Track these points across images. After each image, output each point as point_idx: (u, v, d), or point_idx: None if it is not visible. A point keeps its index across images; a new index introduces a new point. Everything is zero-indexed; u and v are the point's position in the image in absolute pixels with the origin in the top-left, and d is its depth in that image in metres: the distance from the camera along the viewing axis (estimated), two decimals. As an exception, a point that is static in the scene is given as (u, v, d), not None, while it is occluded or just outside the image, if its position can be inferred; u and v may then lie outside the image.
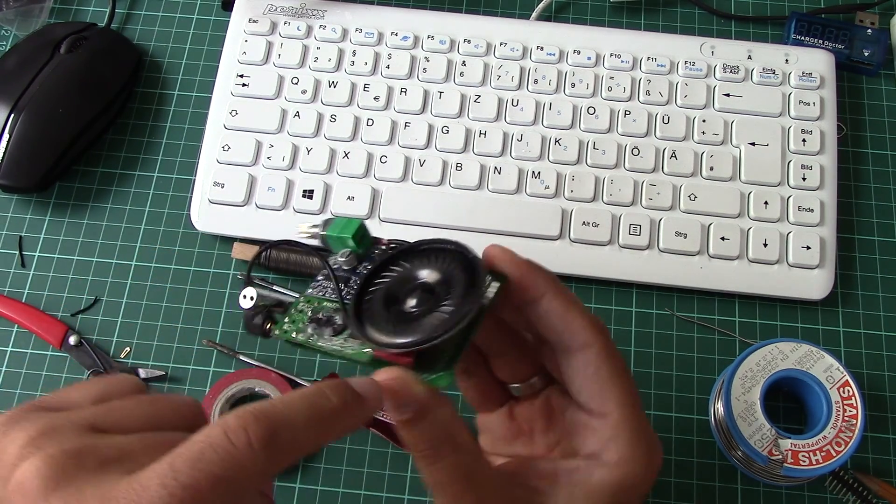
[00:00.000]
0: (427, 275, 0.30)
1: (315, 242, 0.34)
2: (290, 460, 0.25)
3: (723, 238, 0.50)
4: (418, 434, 0.27)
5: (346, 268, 0.33)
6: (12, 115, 0.52)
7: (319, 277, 0.33)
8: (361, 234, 0.32)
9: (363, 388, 0.27)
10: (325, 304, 0.32)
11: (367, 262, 0.33)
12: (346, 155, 0.52)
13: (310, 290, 0.33)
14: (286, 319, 0.32)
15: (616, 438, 0.30)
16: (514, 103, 0.54)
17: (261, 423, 0.23)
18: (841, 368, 0.45)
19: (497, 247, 0.31)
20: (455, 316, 0.27)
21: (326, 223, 0.33)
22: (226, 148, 0.53)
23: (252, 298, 0.33)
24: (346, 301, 0.31)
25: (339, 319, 0.31)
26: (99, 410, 0.26)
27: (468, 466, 0.28)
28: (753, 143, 0.53)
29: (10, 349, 0.50)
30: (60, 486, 0.23)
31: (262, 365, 0.49)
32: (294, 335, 0.31)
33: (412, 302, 0.29)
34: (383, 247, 0.33)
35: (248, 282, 0.34)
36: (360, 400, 0.26)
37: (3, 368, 0.49)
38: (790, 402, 0.48)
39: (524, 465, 0.32)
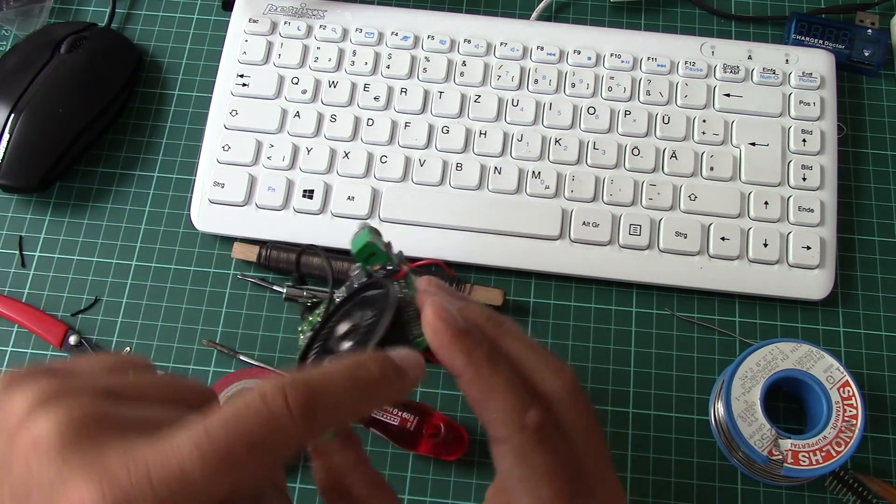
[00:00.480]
0: (352, 326, 0.30)
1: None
2: (328, 427, 0.24)
3: (723, 238, 0.50)
4: (315, 472, 0.29)
5: (354, 274, 0.33)
6: (12, 115, 0.52)
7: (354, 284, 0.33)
8: (363, 251, 0.31)
9: (404, 360, 0.26)
10: (318, 319, 0.33)
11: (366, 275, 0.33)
12: (347, 155, 0.52)
13: (336, 294, 0.33)
14: (316, 312, 0.34)
15: None
16: (515, 103, 0.54)
17: (299, 390, 0.23)
18: (841, 368, 0.45)
19: (430, 310, 0.29)
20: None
21: (360, 230, 0.32)
22: (226, 148, 0.53)
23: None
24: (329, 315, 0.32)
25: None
26: (115, 380, 0.25)
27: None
28: (753, 143, 0.53)
29: (10, 349, 0.50)
30: (80, 446, 0.21)
31: (262, 365, 0.49)
32: (301, 338, 0.33)
33: (341, 337, 0.30)
34: (382, 270, 0.32)
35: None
36: (400, 372, 0.26)
37: (3, 368, 0.49)
38: (790, 403, 0.48)
39: None
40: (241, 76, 0.55)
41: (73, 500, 0.20)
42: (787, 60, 0.55)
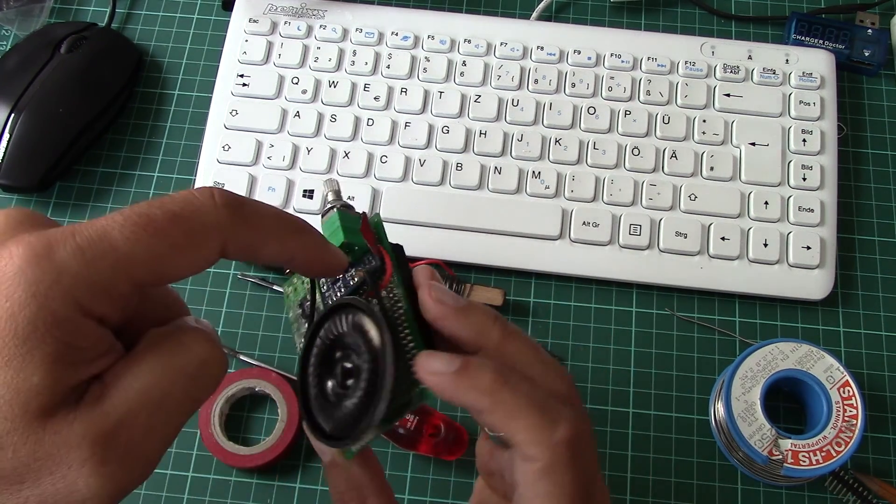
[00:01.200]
0: (357, 347, 0.28)
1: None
2: (252, 236, 0.25)
3: (723, 238, 0.50)
4: (333, 486, 0.29)
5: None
6: (12, 115, 0.52)
7: None
8: (349, 244, 0.30)
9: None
10: (314, 292, 0.31)
11: (357, 265, 0.30)
12: (347, 155, 0.52)
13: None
14: (293, 278, 0.33)
15: None
16: (515, 103, 0.54)
17: (225, 192, 0.24)
18: (841, 368, 0.45)
19: (427, 361, 0.28)
20: (358, 430, 0.27)
21: (330, 209, 0.31)
22: (226, 148, 0.53)
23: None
24: (315, 306, 0.31)
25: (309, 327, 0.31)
26: None
27: None
28: (754, 143, 0.53)
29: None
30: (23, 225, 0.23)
31: (263, 365, 0.49)
32: (288, 308, 0.33)
33: (338, 378, 0.28)
34: (362, 267, 0.30)
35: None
36: (328, 245, 0.28)
37: (4, 368, 0.49)
38: (790, 402, 0.48)
39: None
40: (242, 76, 0.55)
41: (5, 254, 0.21)
42: (787, 60, 0.55)
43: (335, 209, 0.30)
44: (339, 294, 0.31)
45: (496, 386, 0.27)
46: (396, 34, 0.56)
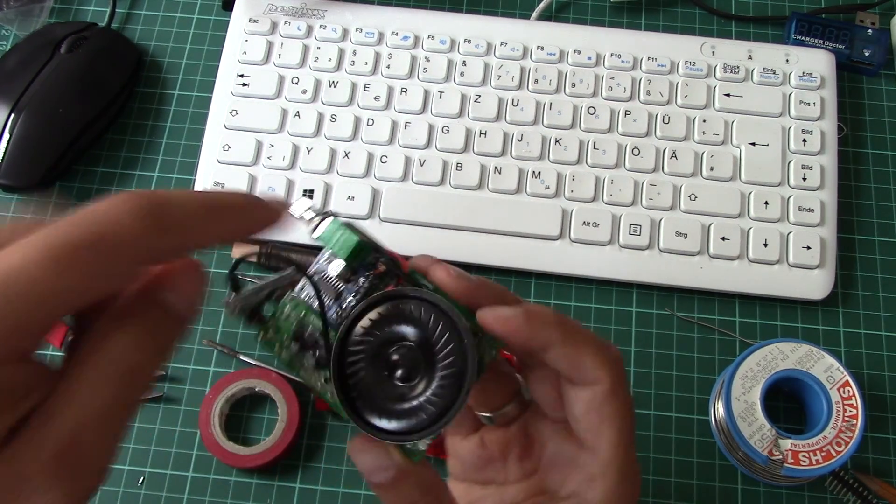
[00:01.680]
0: (414, 336, 0.27)
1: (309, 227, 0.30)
2: (175, 240, 0.23)
3: (723, 238, 0.50)
4: (398, 498, 0.27)
5: (334, 275, 0.29)
6: (12, 115, 0.52)
7: (313, 275, 0.29)
8: (356, 254, 0.29)
9: (269, 199, 0.26)
10: (311, 317, 0.29)
11: (359, 274, 0.29)
12: (347, 155, 0.52)
13: (299, 291, 0.29)
14: (269, 323, 0.29)
15: (602, 477, 0.29)
16: (515, 103, 0.54)
17: (142, 198, 0.22)
18: (841, 368, 0.45)
19: (493, 312, 0.28)
20: (447, 410, 0.26)
21: (324, 219, 0.29)
22: (226, 148, 0.53)
23: (234, 309, 0.28)
24: (331, 328, 0.28)
25: (322, 349, 0.29)
26: None
27: None
28: (754, 143, 0.53)
29: (10, 349, 0.50)
30: None
31: (263, 365, 0.49)
32: (277, 349, 0.29)
33: (400, 372, 0.27)
34: (379, 258, 0.29)
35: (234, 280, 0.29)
36: (262, 203, 0.26)
37: (4, 368, 0.49)
38: (790, 403, 0.48)
39: None
40: (242, 76, 0.55)
41: None
42: (787, 60, 0.55)
43: (330, 217, 0.29)
44: (351, 301, 0.29)
45: (561, 319, 0.29)
46: (396, 34, 0.56)
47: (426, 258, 0.30)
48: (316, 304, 0.29)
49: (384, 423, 0.27)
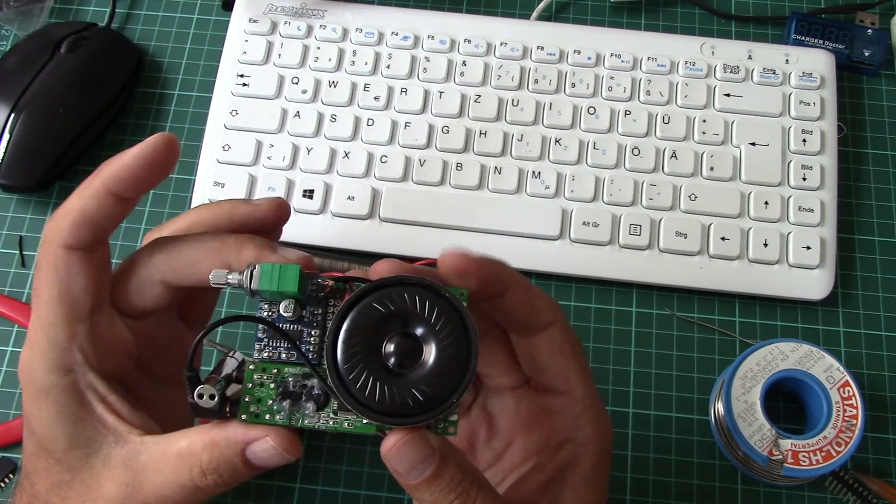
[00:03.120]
0: (401, 318, 0.27)
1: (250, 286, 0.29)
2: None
3: (723, 238, 0.50)
4: (446, 486, 0.27)
5: (287, 316, 0.29)
6: (12, 115, 0.52)
7: (261, 335, 0.29)
8: (302, 280, 0.28)
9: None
10: (287, 369, 0.28)
11: (310, 304, 0.29)
12: (347, 155, 0.52)
13: (257, 354, 0.29)
14: (247, 398, 0.28)
15: (585, 414, 0.31)
16: (515, 103, 0.54)
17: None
18: (841, 368, 0.45)
19: (453, 254, 0.29)
20: (462, 374, 0.26)
21: (252, 274, 0.28)
22: (226, 148, 0.53)
23: (212, 397, 0.28)
24: (314, 362, 0.28)
25: (316, 388, 0.28)
26: None
27: (497, 502, 0.28)
28: (754, 143, 0.53)
29: (10, 349, 0.50)
30: None
31: (263, 365, 0.49)
32: (269, 417, 0.28)
33: (397, 353, 0.27)
34: (319, 281, 0.29)
35: (196, 380, 0.28)
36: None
37: (4, 368, 0.49)
38: (790, 403, 0.48)
39: (520, 489, 0.32)
40: (242, 76, 0.55)
41: None
42: (787, 60, 0.55)
43: (255, 265, 0.28)
44: (314, 332, 0.29)
45: (515, 272, 0.31)
46: (396, 34, 0.56)
47: (385, 263, 0.30)
48: (281, 355, 0.28)
49: (408, 410, 0.26)
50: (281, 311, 0.28)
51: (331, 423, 0.28)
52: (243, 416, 0.28)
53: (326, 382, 0.27)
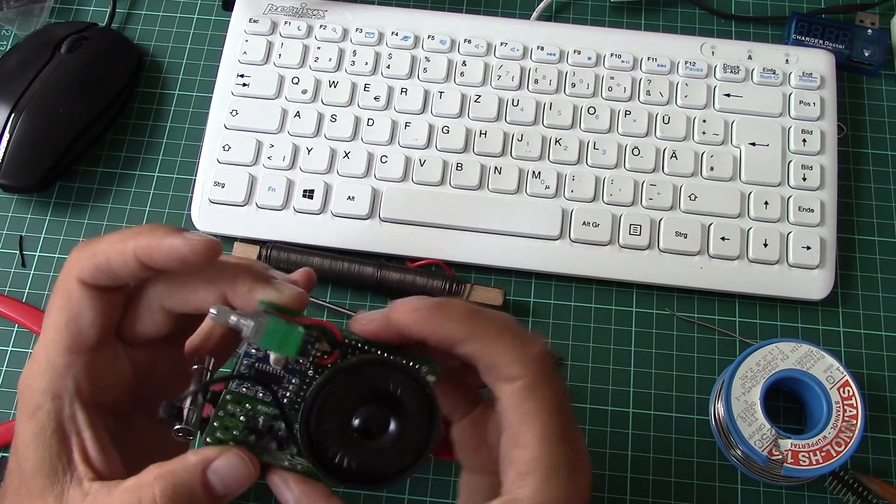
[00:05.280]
0: (374, 392, 0.29)
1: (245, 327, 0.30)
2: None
3: (723, 238, 0.50)
4: None
5: (275, 365, 0.30)
6: (13, 115, 0.52)
7: (243, 370, 0.31)
8: (302, 345, 0.30)
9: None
10: (259, 407, 0.30)
11: (303, 354, 0.31)
12: (347, 155, 0.52)
13: (236, 386, 0.30)
14: (216, 423, 0.30)
15: (531, 474, 0.29)
16: (515, 103, 0.54)
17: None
18: (841, 368, 0.45)
19: (403, 305, 0.30)
20: (416, 456, 0.29)
21: (259, 325, 0.29)
22: (226, 148, 0.53)
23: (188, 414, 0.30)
24: (285, 409, 0.30)
25: (283, 431, 0.30)
26: None
27: None
28: (754, 143, 0.53)
29: (10, 349, 0.50)
30: None
31: (263, 365, 0.49)
32: (232, 445, 0.30)
33: (364, 422, 0.29)
34: (316, 350, 0.31)
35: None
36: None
37: (4, 368, 0.49)
38: (790, 402, 0.48)
39: None
40: (242, 76, 0.55)
41: None
42: (787, 60, 0.55)
43: (264, 318, 0.29)
44: (294, 380, 0.31)
45: (472, 315, 0.29)
46: (396, 34, 0.56)
47: (363, 322, 0.31)
48: (258, 394, 0.30)
49: (358, 478, 0.29)
50: (270, 362, 0.30)
51: (286, 463, 0.30)
52: (209, 440, 0.30)
53: (297, 444, 0.29)
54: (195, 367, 0.32)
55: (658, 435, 0.48)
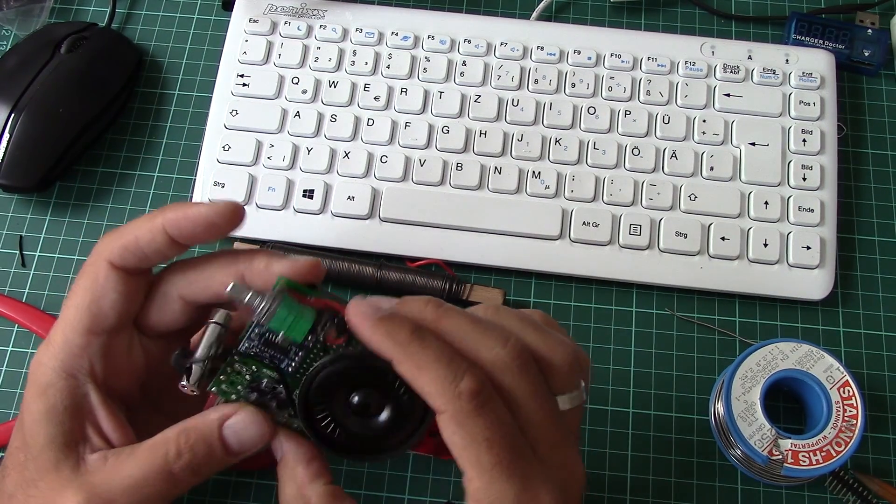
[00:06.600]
0: (372, 380, 0.30)
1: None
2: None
3: (723, 238, 0.50)
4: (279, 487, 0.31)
5: (279, 340, 0.32)
6: (12, 115, 0.52)
7: (254, 337, 0.32)
8: (311, 330, 0.31)
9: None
10: (264, 370, 0.32)
11: (313, 330, 0.32)
12: (347, 155, 0.52)
13: (244, 346, 0.32)
14: (222, 377, 0.32)
15: (471, 498, 0.29)
16: (515, 103, 0.54)
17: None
18: (841, 368, 0.45)
19: (356, 308, 0.30)
20: (406, 438, 0.31)
21: (271, 307, 0.31)
22: (226, 148, 0.53)
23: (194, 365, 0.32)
24: (287, 378, 0.32)
25: (281, 391, 0.32)
26: None
27: None
28: (754, 143, 0.53)
29: (10, 349, 0.50)
30: None
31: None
32: (234, 398, 0.32)
33: (361, 401, 0.31)
34: (323, 332, 0.32)
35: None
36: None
37: (4, 368, 0.49)
38: (790, 402, 0.48)
39: None
40: (242, 76, 0.55)
41: None
42: (787, 60, 0.55)
43: (277, 301, 0.31)
44: (300, 352, 0.32)
45: (409, 339, 0.29)
46: (396, 34, 0.56)
47: (358, 311, 0.31)
48: (265, 360, 0.31)
49: (349, 448, 0.31)
50: (278, 340, 0.31)
51: (282, 420, 0.33)
52: (213, 388, 0.32)
53: (294, 407, 0.31)
54: (212, 322, 0.33)
55: (658, 435, 0.48)
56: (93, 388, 0.32)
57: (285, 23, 0.56)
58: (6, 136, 0.52)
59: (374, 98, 0.54)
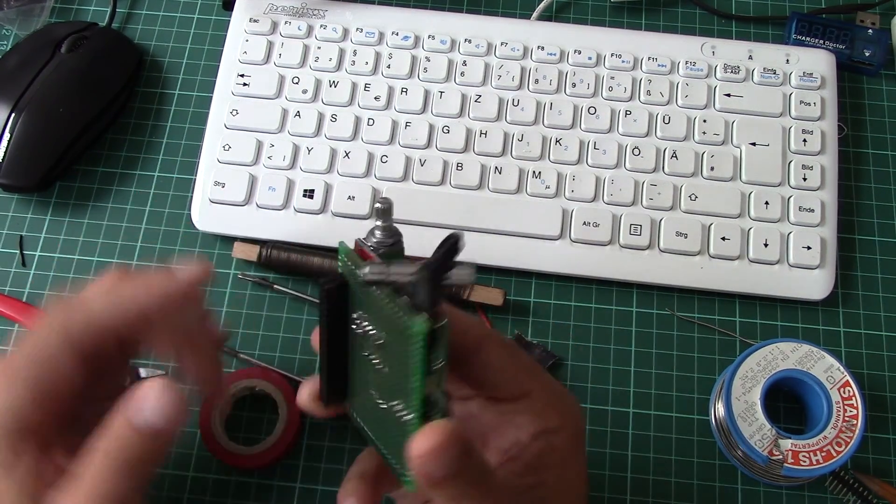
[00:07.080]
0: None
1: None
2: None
3: (723, 238, 0.50)
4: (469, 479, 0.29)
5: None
6: (13, 115, 0.52)
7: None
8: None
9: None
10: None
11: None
12: (347, 154, 0.52)
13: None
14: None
15: (548, 406, 0.32)
16: (515, 103, 0.54)
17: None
18: (841, 368, 0.45)
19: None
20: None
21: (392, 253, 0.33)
22: (226, 147, 0.53)
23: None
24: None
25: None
26: None
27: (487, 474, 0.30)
28: (754, 143, 0.53)
29: (10, 349, 0.50)
30: None
31: (263, 364, 0.49)
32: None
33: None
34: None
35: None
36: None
37: (4, 368, 0.49)
38: (790, 403, 0.48)
39: (502, 473, 0.32)
40: (242, 76, 0.55)
41: None
42: (787, 60, 0.55)
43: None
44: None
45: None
46: (397, 34, 0.56)
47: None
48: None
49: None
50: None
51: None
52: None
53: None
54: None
55: (658, 435, 0.48)
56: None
57: (286, 22, 0.56)
58: (6, 135, 0.52)
59: (375, 98, 0.54)
